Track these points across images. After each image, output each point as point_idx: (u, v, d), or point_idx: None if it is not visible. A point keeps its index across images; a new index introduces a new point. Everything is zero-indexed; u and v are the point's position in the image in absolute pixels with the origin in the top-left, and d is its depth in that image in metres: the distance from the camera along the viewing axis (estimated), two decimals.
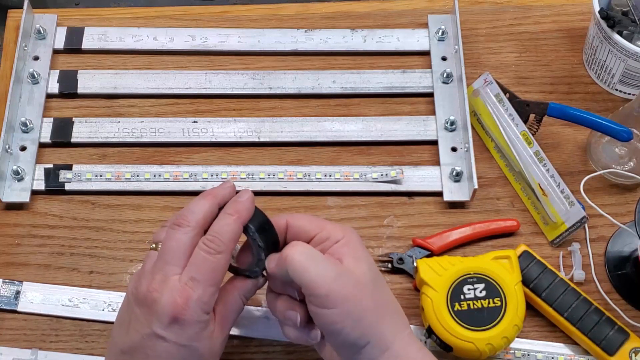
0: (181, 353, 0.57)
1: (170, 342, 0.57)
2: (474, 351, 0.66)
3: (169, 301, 0.56)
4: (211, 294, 0.58)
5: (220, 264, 0.58)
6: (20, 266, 0.74)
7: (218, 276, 0.58)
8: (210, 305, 0.58)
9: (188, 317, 0.56)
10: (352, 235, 0.61)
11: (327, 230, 0.60)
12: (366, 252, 0.60)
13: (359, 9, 0.89)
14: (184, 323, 0.57)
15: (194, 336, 0.57)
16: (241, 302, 0.62)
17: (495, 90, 0.79)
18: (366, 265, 0.59)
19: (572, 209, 0.73)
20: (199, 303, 0.57)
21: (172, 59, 0.85)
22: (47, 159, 0.79)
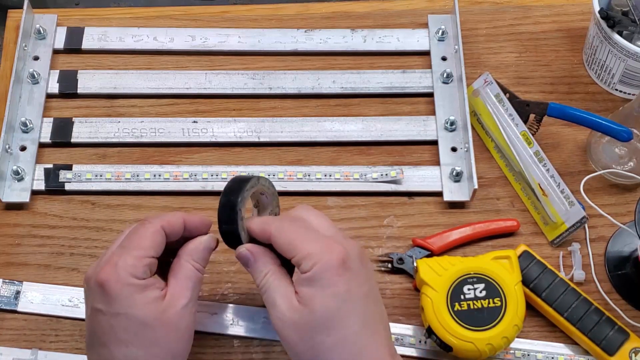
0: (120, 323, 0.57)
1: (106, 313, 0.57)
2: (474, 351, 0.66)
3: (96, 271, 0.58)
4: (136, 257, 0.58)
5: (148, 231, 0.59)
6: (20, 266, 0.74)
7: (144, 241, 0.59)
8: (138, 269, 0.57)
9: (113, 283, 0.57)
10: (321, 268, 0.56)
11: (299, 256, 0.57)
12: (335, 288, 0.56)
13: (359, 9, 0.89)
14: (111, 289, 0.57)
15: (127, 302, 0.57)
16: (190, 265, 0.60)
17: (495, 90, 0.79)
18: (320, 306, 0.56)
19: (572, 209, 0.73)
20: (124, 266, 0.57)
21: (172, 59, 0.85)
22: (47, 159, 0.79)
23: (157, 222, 0.60)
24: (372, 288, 0.59)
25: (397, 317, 0.72)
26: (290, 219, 0.61)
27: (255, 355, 0.71)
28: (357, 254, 0.58)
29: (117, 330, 0.57)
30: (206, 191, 0.78)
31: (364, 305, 0.57)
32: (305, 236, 0.58)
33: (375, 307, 0.59)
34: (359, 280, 0.57)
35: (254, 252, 0.60)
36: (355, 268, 0.57)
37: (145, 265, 0.58)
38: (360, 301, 0.57)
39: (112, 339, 0.57)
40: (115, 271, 0.57)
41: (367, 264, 0.59)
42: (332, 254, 0.56)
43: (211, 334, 0.71)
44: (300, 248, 0.57)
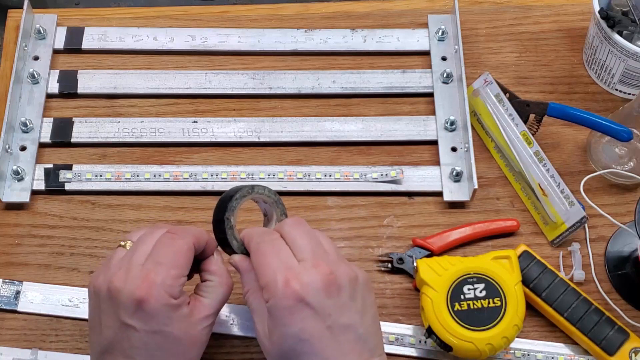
0: (155, 340, 0.57)
1: (141, 330, 0.56)
2: (474, 351, 0.66)
3: (132, 288, 0.56)
4: (174, 277, 0.57)
5: (183, 248, 0.58)
6: (20, 266, 0.74)
7: (180, 259, 0.58)
8: (176, 288, 0.57)
9: (153, 302, 0.56)
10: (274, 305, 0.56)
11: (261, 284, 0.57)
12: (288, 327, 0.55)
13: (359, 9, 0.89)
14: (150, 308, 0.56)
15: (163, 321, 0.57)
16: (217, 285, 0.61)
17: (495, 90, 0.79)
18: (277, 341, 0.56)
19: (572, 209, 0.73)
20: (163, 286, 0.56)
21: (172, 59, 0.85)
22: (47, 159, 0.79)
23: (189, 239, 0.59)
24: (341, 316, 0.56)
25: (397, 317, 0.72)
26: (271, 238, 0.59)
27: (255, 355, 0.71)
28: (321, 285, 0.56)
29: (150, 347, 0.57)
30: (206, 191, 0.78)
31: (325, 340, 0.56)
32: (272, 263, 0.57)
33: (344, 336, 0.56)
34: (320, 315, 0.55)
35: (240, 266, 0.61)
36: (316, 302, 0.55)
37: (181, 285, 0.58)
38: (319, 337, 0.55)
39: (142, 354, 0.57)
40: (155, 290, 0.56)
41: (337, 293, 0.57)
42: (286, 291, 0.55)
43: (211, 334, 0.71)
44: (262, 275, 0.57)
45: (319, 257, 0.57)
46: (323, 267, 0.57)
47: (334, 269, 0.57)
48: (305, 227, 0.60)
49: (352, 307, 0.57)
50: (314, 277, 0.56)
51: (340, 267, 0.58)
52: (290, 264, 0.57)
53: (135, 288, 0.56)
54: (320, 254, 0.58)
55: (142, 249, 0.59)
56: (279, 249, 0.58)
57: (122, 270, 0.58)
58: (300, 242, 0.58)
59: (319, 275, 0.56)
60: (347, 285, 0.57)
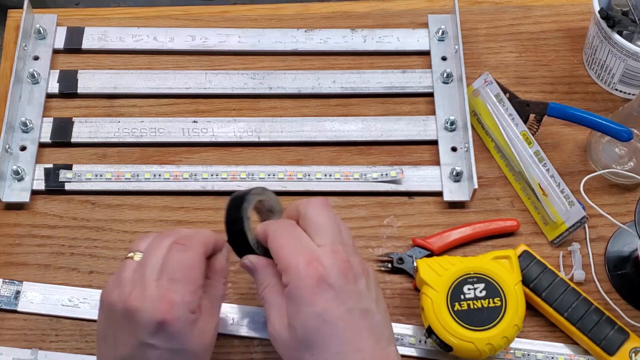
0: (174, 357, 0.57)
1: (161, 348, 0.56)
2: (474, 351, 0.66)
3: (151, 308, 0.55)
4: (192, 292, 0.57)
5: (195, 260, 0.58)
6: (20, 266, 0.74)
7: (195, 273, 0.58)
8: (194, 303, 0.57)
9: (175, 321, 0.56)
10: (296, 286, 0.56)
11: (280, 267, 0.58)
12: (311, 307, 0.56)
13: (359, 9, 0.89)
14: (172, 327, 0.56)
15: (184, 339, 0.57)
16: (222, 285, 0.61)
17: (495, 90, 0.79)
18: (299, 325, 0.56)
19: (572, 209, 0.73)
20: (183, 304, 0.56)
21: (172, 59, 0.85)
22: (47, 159, 0.79)
23: (200, 249, 0.59)
24: (359, 302, 0.57)
25: (397, 317, 0.72)
26: (289, 223, 0.60)
27: (255, 355, 0.71)
28: (340, 270, 0.56)
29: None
30: (206, 191, 0.78)
31: (346, 323, 0.56)
32: (291, 246, 0.58)
33: (363, 321, 0.57)
34: (341, 298, 0.56)
35: (255, 263, 0.61)
36: (337, 285, 0.56)
37: (199, 296, 0.58)
38: (341, 319, 0.56)
39: None
40: (176, 311, 0.56)
41: (354, 280, 0.57)
42: (309, 271, 0.56)
43: None
44: (282, 257, 0.57)
45: (337, 244, 0.58)
46: (341, 254, 0.57)
47: (350, 257, 0.58)
48: (330, 211, 0.61)
49: (369, 296, 0.58)
50: (334, 261, 0.57)
51: (356, 258, 0.59)
52: (310, 247, 0.58)
53: (155, 310, 0.55)
54: (339, 241, 0.59)
55: (153, 263, 0.58)
56: (298, 234, 0.59)
57: (138, 289, 0.57)
58: (321, 226, 0.59)
59: (338, 261, 0.57)
60: (362, 275, 0.58)
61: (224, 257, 0.62)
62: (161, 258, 0.58)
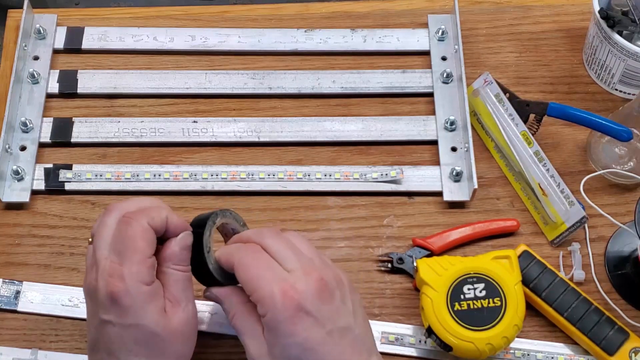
0: (132, 334, 0.56)
1: (117, 324, 0.56)
2: (474, 351, 0.66)
3: (103, 284, 0.56)
4: (139, 262, 0.56)
5: (136, 231, 0.57)
6: (20, 266, 0.74)
7: (139, 243, 0.57)
8: (144, 274, 0.56)
9: (124, 293, 0.56)
10: (275, 318, 0.55)
11: (254, 298, 0.56)
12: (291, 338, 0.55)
13: (359, 9, 0.89)
14: (123, 300, 0.56)
15: (137, 312, 0.56)
16: (173, 271, 0.59)
17: (495, 90, 0.79)
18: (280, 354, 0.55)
19: (572, 209, 0.73)
20: (131, 274, 0.56)
21: (172, 59, 0.85)
22: (47, 158, 0.79)
23: (142, 219, 0.58)
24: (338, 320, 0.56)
25: (397, 317, 0.72)
26: (253, 250, 0.58)
27: None
28: (316, 292, 0.56)
29: (127, 341, 0.57)
30: (206, 191, 0.78)
31: (327, 346, 0.55)
32: (263, 275, 0.56)
33: (343, 340, 0.56)
34: (320, 322, 0.55)
35: (218, 293, 0.61)
36: (314, 309, 0.55)
37: (150, 267, 0.57)
38: (322, 344, 0.55)
39: (122, 349, 0.57)
40: (125, 282, 0.56)
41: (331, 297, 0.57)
42: (285, 302, 0.55)
43: (211, 334, 0.71)
44: (255, 289, 0.56)
45: (306, 264, 0.57)
46: (314, 274, 0.56)
47: (323, 274, 0.57)
48: (281, 236, 0.59)
49: (345, 310, 0.58)
50: (308, 285, 0.56)
51: (326, 271, 0.58)
52: (282, 275, 0.56)
53: (106, 284, 0.56)
54: (306, 261, 0.58)
55: (102, 242, 0.58)
56: (265, 261, 0.57)
57: (93, 268, 0.58)
58: (284, 253, 0.58)
59: (312, 283, 0.56)
60: (336, 288, 0.58)
61: (177, 244, 0.59)
62: (108, 235, 0.58)
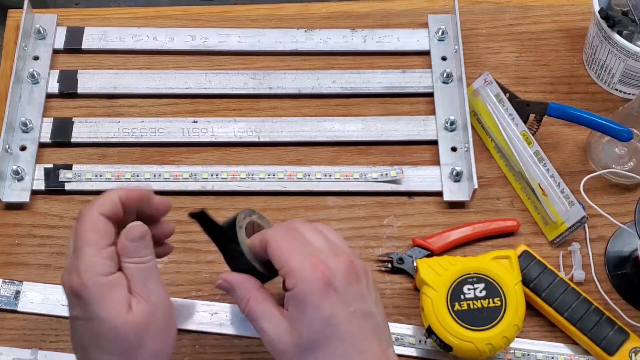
0: (95, 328, 0.55)
1: (82, 318, 0.56)
2: (474, 351, 0.66)
3: (67, 280, 0.56)
4: (94, 254, 0.56)
5: (86, 225, 0.56)
6: (20, 266, 0.74)
7: (89, 235, 0.56)
8: (99, 265, 0.56)
9: (82, 286, 0.55)
10: (303, 290, 0.55)
11: (284, 270, 0.57)
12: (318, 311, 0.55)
13: (359, 9, 0.89)
14: (82, 292, 0.55)
15: (96, 304, 0.55)
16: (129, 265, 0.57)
17: (495, 90, 0.79)
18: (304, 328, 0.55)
19: (572, 209, 0.73)
20: (86, 267, 0.55)
21: (172, 59, 0.85)
22: (47, 158, 0.79)
23: (93, 211, 0.57)
24: (362, 304, 0.57)
25: (397, 317, 0.72)
26: (287, 229, 0.60)
27: (255, 355, 0.71)
28: (345, 271, 0.56)
29: (91, 335, 0.56)
30: (206, 191, 0.78)
31: (350, 325, 0.56)
32: (295, 250, 0.57)
33: (365, 323, 0.57)
34: (346, 300, 0.56)
35: (231, 280, 0.60)
36: (341, 288, 0.56)
37: (105, 258, 0.56)
38: (346, 322, 0.56)
39: (90, 344, 0.57)
40: (80, 275, 0.55)
41: (357, 281, 0.57)
42: (315, 275, 0.55)
43: (211, 334, 0.71)
44: (286, 261, 0.57)
45: (335, 248, 0.59)
46: (343, 256, 0.57)
47: (351, 257, 0.58)
48: (312, 224, 0.61)
49: (370, 297, 0.58)
50: (338, 263, 0.57)
51: (356, 258, 0.59)
52: (313, 251, 0.57)
53: (68, 281, 0.56)
54: (336, 246, 0.59)
55: (70, 240, 0.58)
56: (297, 238, 0.58)
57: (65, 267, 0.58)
58: (315, 237, 0.59)
59: (342, 263, 0.57)
60: (363, 274, 0.58)
61: (125, 237, 0.58)
62: (71, 236, 0.58)
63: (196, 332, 0.71)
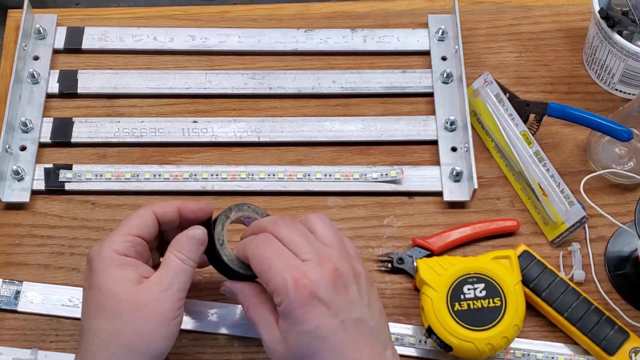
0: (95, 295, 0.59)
1: (87, 287, 0.59)
2: (474, 351, 0.66)
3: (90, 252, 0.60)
4: (121, 234, 0.60)
5: (137, 213, 0.62)
6: (20, 266, 0.74)
7: (132, 220, 0.61)
8: (119, 244, 0.59)
9: (95, 255, 0.59)
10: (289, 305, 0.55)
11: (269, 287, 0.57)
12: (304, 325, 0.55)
13: (359, 9, 0.89)
14: (93, 262, 0.59)
15: (102, 274, 0.58)
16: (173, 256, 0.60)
17: (495, 90, 0.79)
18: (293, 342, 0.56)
19: (572, 209, 0.73)
20: (108, 242, 0.59)
21: (172, 59, 0.85)
22: (47, 158, 0.79)
23: (149, 206, 0.62)
24: (352, 311, 0.57)
25: (397, 317, 0.72)
26: (267, 238, 0.59)
27: (255, 355, 0.71)
28: (330, 282, 0.56)
29: (90, 302, 0.59)
30: (206, 191, 0.78)
31: (339, 335, 0.56)
32: (276, 264, 0.56)
33: (357, 330, 0.56)
34: (333, 311, 0.56)
35: (233, 287, 0.62)
36: (328, 299, 0.55)
37: (128, 242, 0.60)
38: (334, 333, 0.56)
39: (87, 311, 0.59)
40: (100, 246, 0.59)
41: (345, 288, 0.57)
42: (298, 290, 0.55)
43: (211, 334, 0.71)
44: (269, 278, 0.56)
45: (322, 254, 0.57)
46: (328, 265, 0.57)
47: (338, 265, 0.57)
48: (296, 225, 0.60)
49: (361, 302, 0.58)
50: (323, 274, 0.56)
51: (342, 262, 0.58)
52: (294, 263, 0.57)
53: (90, 250, 0.60)
54: (321, 250, 0.58)
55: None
56: (277, 251, 0.58)
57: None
58: (298, 242, 0.58)
59: (326, 272, 0.56)
60: (352, 279, 0.58)
61: (185, 233, 0.61)
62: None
63: (196, 332, 0.71)
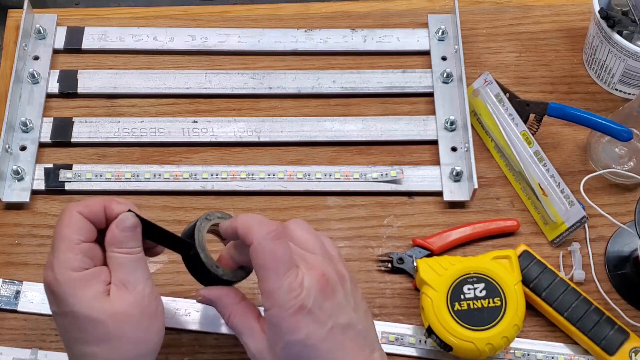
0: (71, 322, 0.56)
1: (59, 314, 0.57)
2: (474, 351, 0.66)
3: (43, 274, 0.57)
4: (66, 250, 0.56)
5: (64, 221, 0.57)
6: (20, 266, 0.74)
7: (64, 231, 0.57)
8: (72, 261, 0.56)
9: (54, 281, 0.56)
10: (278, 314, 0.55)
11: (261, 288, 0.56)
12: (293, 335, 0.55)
13: (359, 9, 0.89)
14: (54, 288, 0.56)
15: (70, 299, 0.55)
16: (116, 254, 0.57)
17: (495, 90, 0.79)
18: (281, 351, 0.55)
19: (572, 209, 0.73)
20: (58, 263, 0.56)
21: (172, 59, 0.85)
22: (47, 158, 0.79)
23: (72, 210, 0.58)
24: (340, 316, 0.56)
25: (397, 317, 0.72)
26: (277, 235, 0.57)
27: None
28: (319, 289, 0.55)
29: (70, 330, 0.57)
30: (206, 191, 0.78)
31: (328, 342, 0.55)
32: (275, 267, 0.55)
33: (345, 336, 0.56)
34: (322, 319, 0.55)
35: (210, 296, 0.60)
36: (316, 307, 0.55)
37: (78, 254, 0.56)
38: (323, 340, 0.55)
39: (70, 338, 0.57)
40: (53, 271, 0.56)
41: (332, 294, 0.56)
42: (290, 300, 0.54)
43: (211, 334, 0.71)
44: (264, 280, 0.55)
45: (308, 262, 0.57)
46: (315, 270, 0.56)
47: (324, 270, 0.57)
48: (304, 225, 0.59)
49: (347, 306, 0.57)
50: (311, 280, 0.56)
51: (328, 269, 0.57)
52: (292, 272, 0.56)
53: (44, 275, 0.57)
54: (308, 258, 0.57)
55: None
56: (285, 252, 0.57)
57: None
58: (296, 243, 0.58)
59: (314, 279, 0.56)
60: (338, 284, 0.57)
61: (115, 226, 0.58)
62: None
63: (196, 332, 0.71)
